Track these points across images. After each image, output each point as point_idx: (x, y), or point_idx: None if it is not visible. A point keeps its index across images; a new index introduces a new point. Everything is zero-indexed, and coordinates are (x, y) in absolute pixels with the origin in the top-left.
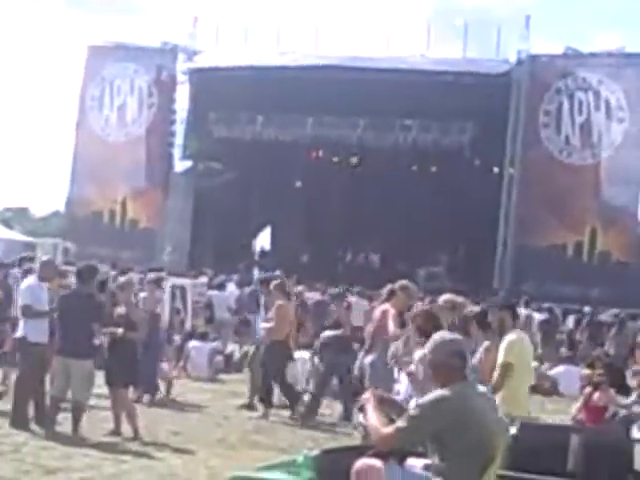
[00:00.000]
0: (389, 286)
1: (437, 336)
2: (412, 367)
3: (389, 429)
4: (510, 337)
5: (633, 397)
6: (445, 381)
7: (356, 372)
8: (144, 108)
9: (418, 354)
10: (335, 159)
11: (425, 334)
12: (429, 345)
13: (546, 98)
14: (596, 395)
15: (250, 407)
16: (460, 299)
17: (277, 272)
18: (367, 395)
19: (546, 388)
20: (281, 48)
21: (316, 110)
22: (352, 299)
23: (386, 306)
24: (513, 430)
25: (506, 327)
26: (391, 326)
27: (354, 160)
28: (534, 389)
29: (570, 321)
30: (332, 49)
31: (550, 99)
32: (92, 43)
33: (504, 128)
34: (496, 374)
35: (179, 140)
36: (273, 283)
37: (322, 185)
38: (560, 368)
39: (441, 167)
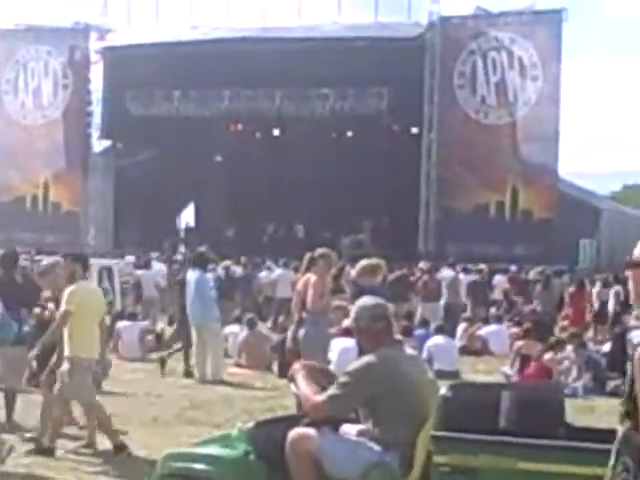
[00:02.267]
0: (308, 255)
1: (360, 302)
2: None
3: (321, 397)
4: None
5: (568, 350)
6: (373, 346)
7: (289, 343)
8: (59, 90)
9: None
10: (255, 132)
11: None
12: (352, 312)
13: (460, 59)
14: (522, 343)
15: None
16: (378, 262)
17: (202, 248)
18: (297, 365)
19: (477, 348)
20: (193, 22)
21: (232, 83)
22: (277, 271)
23: (307, 276)
24: (443, 390)
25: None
26: (310, 296)
27: (275, 132)
28: (465, 350)
29: (497, 280)
30: (244, 20)
31: (464, 60)
32: (3, 26)
33: (420, 91)
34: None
35: (97, 120)
36: None
37: (243, 158)
38: (490, 327)
39: (360, 133)
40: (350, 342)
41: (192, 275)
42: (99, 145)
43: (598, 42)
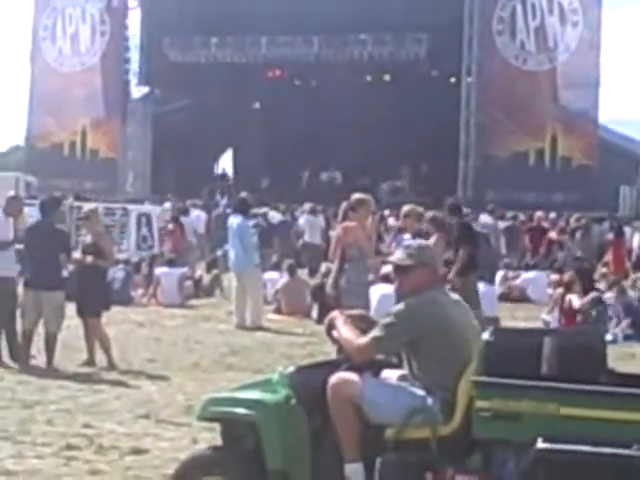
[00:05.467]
0: (345, 204)
1: (410, 242)
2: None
3: (364, 339)
4: None
5: (609, 296)
6: (418, 288)
7: (330, 290)
8: (97, 36)
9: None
10: (294, 78)
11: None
12: (402, 250)
13: (499, 4)
14: (568, 297)
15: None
16: (420, 209)
17: (243, 194)
18: (334, 313)
19: (515, 295)
20: None
21: (270, 30)
22: (305, 217)
23: (347, 223)
24: (486, 335)
25: None
26: (361, 242)
27: (314, 78)
28: (503, 297)
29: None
30: None
31: (503, 5)
32: None
33: (459, 37)
34: None
35: (134, 67)
36: None
37: (281, 105)
38: (529, 274)
39: (399, 79)
40: (389, 288)
41: (234, 221)
42: (137, 92)
43: None
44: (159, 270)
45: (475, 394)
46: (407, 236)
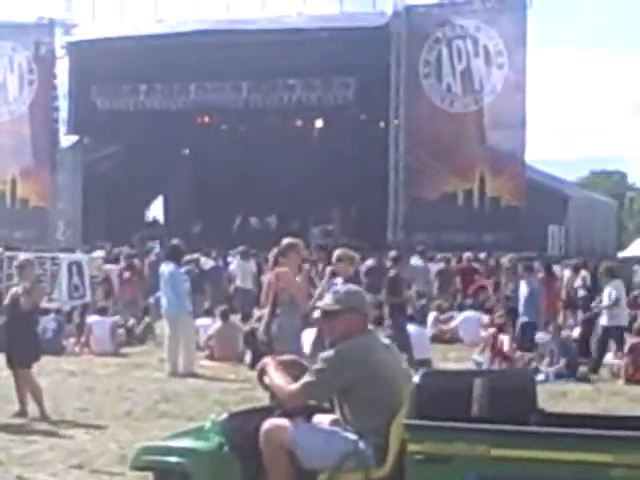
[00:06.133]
0: (275, 250)
1: (340, 287)
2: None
3: (296, 385)
4: None
5: (539, 336)
6: (346, 333)
7: (262, 336)
8: (25, 85)
9: None
10: (222, 124)
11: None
12: (332, 296)
13: (425, 48)
14: (500, 338)
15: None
16: (352, 253)
17: (175, 241)
18: (266, 359)
19: (447, 337)
20: (158, 16)
21: (199, 76)
22: (237, 262)
23: (278, 268)
24: (416, 378)
25: None
26: (296, 294)
27: (243, 123)
28: (435, 338)
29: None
30: (209, 13)
31: (429, 49)
32: None
33: (387, 81)
34: None
35: (63, 115)
36: None
37: (210, 151)
38: (461, 315)
39: (328, 124)
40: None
41: (165, 268)
42: (66, 140)
43: (564, 33)
44: (91, 319)
45: (407, 437)
46: (339, 280)
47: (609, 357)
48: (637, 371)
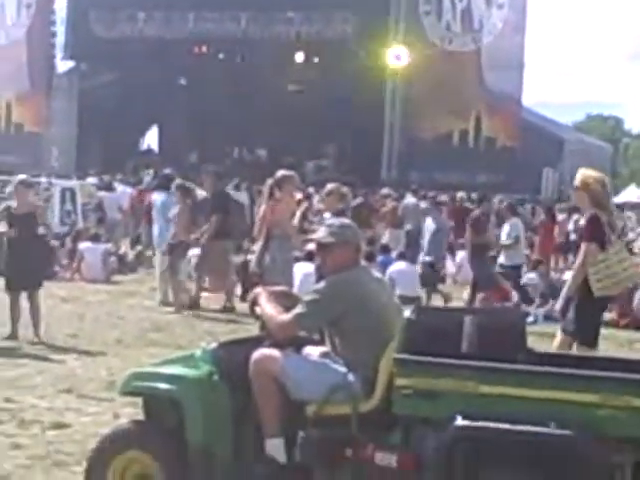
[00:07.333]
0: (270, 181)
1: (334, 220)
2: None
3: (287, 316)
4: None
5: (530, 277)
6: (338, 266)
7: (254, 268)
8: (23, 9)
9: None
10: (220, 55)
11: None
12: (325, 228)
13: None
14: None
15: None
16: (344, 188)
17: (168, 170)
18: (258, 289)
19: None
20: None
21: (198, 5)
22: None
23: (273, 202)
24: (407, 313)
25: None
26: (286, 222)
27: (240, 55)
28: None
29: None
30: None
31: None
32: None
33: (386, 17)
34: None
35: (60, 40)
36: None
37: (207, 81)
38: (460, 254)
39: (326, 58)
40: (311, 267)
41: (158, 197)
42: (63, 66)
43: None
44: (83, 245)
45: (396, 372)
46: (327, 215)
47: None
48: (623, 317)
